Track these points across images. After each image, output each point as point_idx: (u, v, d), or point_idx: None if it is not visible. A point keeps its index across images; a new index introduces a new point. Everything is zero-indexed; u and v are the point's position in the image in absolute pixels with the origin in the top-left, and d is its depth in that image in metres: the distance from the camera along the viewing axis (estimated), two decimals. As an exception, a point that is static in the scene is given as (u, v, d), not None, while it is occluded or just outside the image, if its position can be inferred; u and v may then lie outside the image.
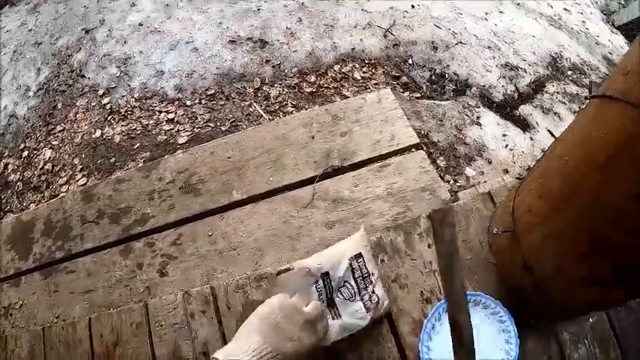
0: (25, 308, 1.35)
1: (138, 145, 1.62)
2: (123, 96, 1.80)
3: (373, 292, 0.88)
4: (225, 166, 1.26)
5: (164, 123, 1.63)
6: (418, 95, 1.85)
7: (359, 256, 0.89)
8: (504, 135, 1.85)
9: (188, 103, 1.67)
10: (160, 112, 1.67)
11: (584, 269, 0.64)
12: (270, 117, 1.58)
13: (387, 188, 1.22)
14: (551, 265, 0.71)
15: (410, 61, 1.96)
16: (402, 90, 1.85)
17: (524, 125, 1.92)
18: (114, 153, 1.64)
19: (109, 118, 1.75)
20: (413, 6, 2.19)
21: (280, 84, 1.69)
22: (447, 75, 1.97)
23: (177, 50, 1.90)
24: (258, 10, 2.11)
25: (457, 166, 1.70)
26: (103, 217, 1.36)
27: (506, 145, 1.82)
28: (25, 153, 2.03)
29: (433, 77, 1.94)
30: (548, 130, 1.85)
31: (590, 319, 0.89)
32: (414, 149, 1.32)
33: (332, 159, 1.25)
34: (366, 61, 1.87)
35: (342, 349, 0.88)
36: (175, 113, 1.64)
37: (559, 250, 0.67)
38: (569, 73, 2.19)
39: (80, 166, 1.70)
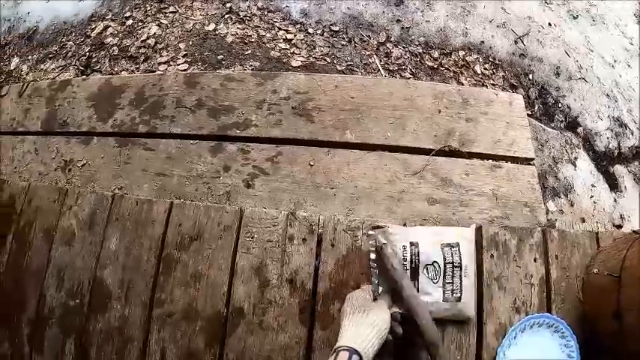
0: (87, 168, 1.24)
1: (249, 52, 1.50)
2: (246, 0, 1.67)
3: (460, 287, 0.81)
4: (346, 103, 1.15)
5: (281, 41, 1.50)
6: (528, 112, 1.69)
7: (455, 244, 0.84)
8: (593, 186, 1.71)
9: (310, 30, 1.53)
10: (280, 29, 1.54)
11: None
12: (387, 75, 1.45)
13: (493, 188, 1.11)
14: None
15: (530, 76, 1.78)
16: (515, 101, 1.70)
17: (613, 184, 1.77)
18: (223, 51, 1.53)
19: (226, 16, 1.63)
20: (550, 24, 1.98)
21: (404, 47, 1.54)
22: (560, 105, 1.79)
23: (313, -24, 1.74)
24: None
25: (542, 196, 1.58)
26: (201, 108, 1.27)
27: (592, 196, 1.69)
28: (130, 22, 1.94)
29: (547, 101, 1.77)
30: None
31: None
32: (528, 163, 1.21)
33: (452, 139, 1.13)
34: (490, 59, 1.70)
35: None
36: (295, 35, 1.51)
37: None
38: (673, 152, 2.00)
39: (184, 52, 1.60)
